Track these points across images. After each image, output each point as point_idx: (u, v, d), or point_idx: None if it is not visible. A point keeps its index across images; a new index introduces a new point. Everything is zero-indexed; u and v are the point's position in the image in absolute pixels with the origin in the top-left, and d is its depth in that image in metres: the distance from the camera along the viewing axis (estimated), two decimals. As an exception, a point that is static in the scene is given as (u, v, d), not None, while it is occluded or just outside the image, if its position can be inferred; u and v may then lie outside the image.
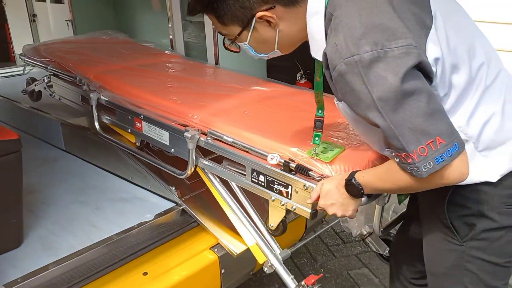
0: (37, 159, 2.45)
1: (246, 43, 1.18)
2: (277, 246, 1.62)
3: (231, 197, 1.73)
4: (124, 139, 2.18)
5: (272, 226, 1.57)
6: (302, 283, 1.48)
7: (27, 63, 2.96)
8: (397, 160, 1.00)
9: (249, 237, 1.66)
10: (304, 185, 1.39)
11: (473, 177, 1.10)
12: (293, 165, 1.43)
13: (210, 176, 1.77)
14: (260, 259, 1.62)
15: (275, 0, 1.09)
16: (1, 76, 3.72)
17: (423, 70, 0.97)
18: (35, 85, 2.90)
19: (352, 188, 1.16)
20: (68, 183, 2.20)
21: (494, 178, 1.12)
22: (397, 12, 0.97)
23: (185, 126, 1.78)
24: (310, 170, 1.40)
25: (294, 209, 1.46)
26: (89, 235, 1.75)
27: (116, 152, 2.19)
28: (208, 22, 2.87)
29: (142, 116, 1.95)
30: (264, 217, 1.63)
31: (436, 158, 0.94)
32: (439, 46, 1.01)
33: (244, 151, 1.59)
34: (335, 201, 1.21)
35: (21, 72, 3.32)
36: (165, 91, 2.09)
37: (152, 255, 1.72)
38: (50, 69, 2.67)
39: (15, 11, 4.53)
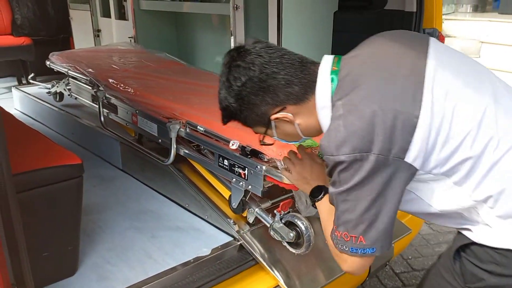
0: (94, 177, 2.44)
1: (275, 137, 1.29)
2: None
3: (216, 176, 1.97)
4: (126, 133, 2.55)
5: (234, 205, 1.80)
6: (275, 212, 1.67)
7: (52, 67, 3.27)
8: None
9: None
10: (257, 167, 1.63)
11: (502, 243, 1.09)
12: (248, 149, 1.67)
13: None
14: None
15: (285, 101, 1.18)
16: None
17: (399, 173, 1.03)
18: (57, 86, 3.28)
19: (317, 192, 1.33)
20: (124, 206, 2.16)
21: None
22: (379, 118, 1.01)
23: (169, 118, 2.07)
24: (262, 153, 1.65)
25: (250, 188, 1.69)
26: (145, 266, 1.68)
27: (173, 177, 2.14)
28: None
29: (137, 111, 2.30)
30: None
31: (352, 248, 1.09)
32: (427, 140, 1.02)
33: (214, 139, 1.86)
34: (303, 173, 1.39)
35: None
36: (158, 90, 2.42)
37: (207, 294, 1.62)
38: (69, 72, 3.01)
39: (81, 25, 4.65)
